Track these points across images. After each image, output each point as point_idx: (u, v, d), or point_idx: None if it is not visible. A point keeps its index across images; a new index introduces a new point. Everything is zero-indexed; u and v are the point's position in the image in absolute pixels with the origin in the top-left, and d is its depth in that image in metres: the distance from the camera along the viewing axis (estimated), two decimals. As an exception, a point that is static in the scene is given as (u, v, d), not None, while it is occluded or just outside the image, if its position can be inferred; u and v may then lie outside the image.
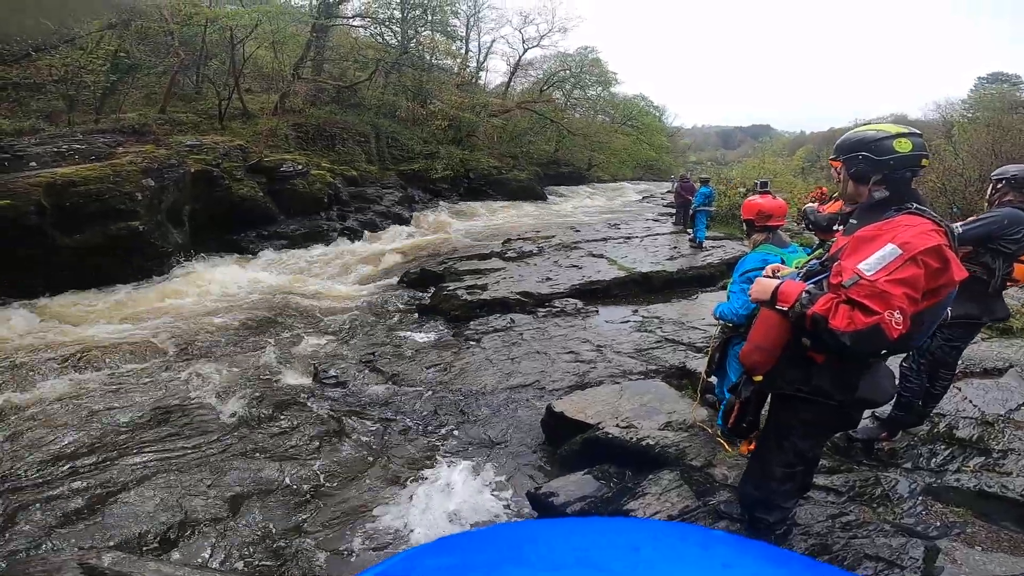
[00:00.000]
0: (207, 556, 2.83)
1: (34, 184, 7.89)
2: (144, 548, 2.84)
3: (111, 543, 2.82)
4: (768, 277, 1.95)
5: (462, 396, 4.61)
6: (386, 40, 19.47)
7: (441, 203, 17.94)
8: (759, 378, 1.92)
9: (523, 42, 29.23)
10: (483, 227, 15.17)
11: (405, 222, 14.68)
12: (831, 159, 1.91)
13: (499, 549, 0.79)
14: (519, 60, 29.77)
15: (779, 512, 2.06)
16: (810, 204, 7.94)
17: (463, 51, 25.34)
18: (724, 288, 4.87)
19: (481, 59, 29.19)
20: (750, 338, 1.91)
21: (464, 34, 26.29)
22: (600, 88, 32.19)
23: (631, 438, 3.10)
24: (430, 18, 19.16)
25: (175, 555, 2.82)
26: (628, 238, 11.59)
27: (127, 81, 12.79)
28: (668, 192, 25.00)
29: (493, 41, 30.50)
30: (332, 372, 5.24)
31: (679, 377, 4.27)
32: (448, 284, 8.13)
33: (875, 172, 1.73)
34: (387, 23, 19.00)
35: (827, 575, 0.91)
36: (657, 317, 6.29)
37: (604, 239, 11.48)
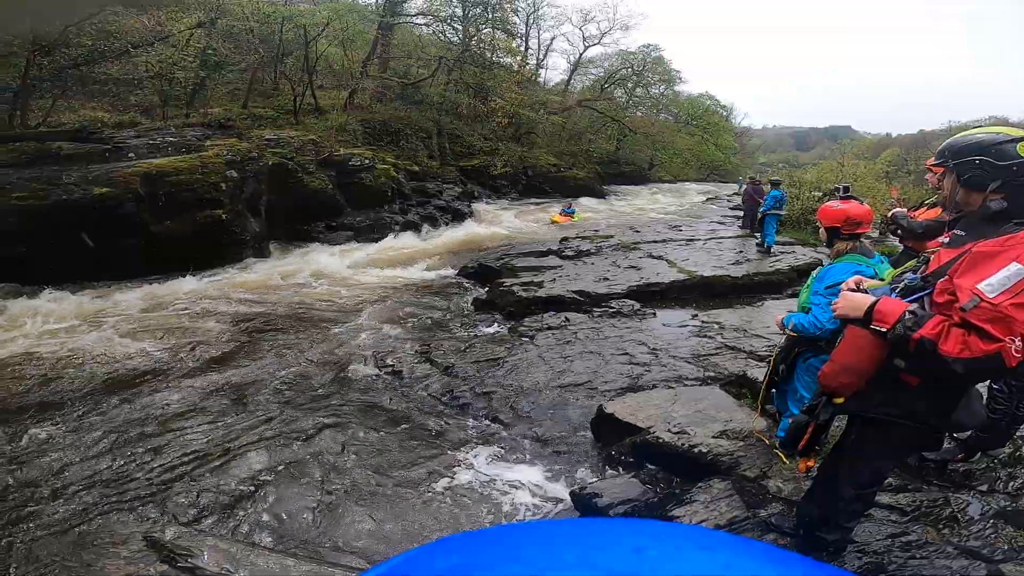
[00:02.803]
0: (262, 533, 3.00)
1: (132, 174, 8.68)
2: (203, 524, 3.03)
3: (173, 517, 3.04)
4: (852, 291, 1.79)
5: (513, 392, 4.66)
6: (448, 38, 19.90)
7: (500, 199, 18.12)
8: (841, 400, 1.79)
9: (583, 40, 29.00)
10: (541, 224, 15.19)
11: (464, 217, 14.95)
12: (932, 163, 1.74)
13: (500, 550, 0.79)
14: (579, 58, 29.58)
15: (840, 531, 1.97)
16: (899, 208, 7.35)
17: (523, 48, 25.48)
18: (794, 296, 4.65)
19: (541, 56, 29.24)
20: (835, 358, 1.76)
21: (524, 31, 26.42)
22: (663, 86, 31.38)
23: (683, 444, 3.03)
24: (490, 16, 19.40)
25: (231, 531, 3.00)
26: (690, 240, 11.24)
27: (214, 77, 13.83)
28: (735, 194, 24.01)
29: (553, 39, 30.48)
30: (389, 361, 5.44)
31: (738, 386, 4.12)
32: (504, 280, 8.22)
33: (993, 179, 1.56)
34: (449, 21, 19.42)
35: (828, 575, 0.88)
36: (718, 323, 6.08)
37: (664, 241, 11.19)
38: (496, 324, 6.80)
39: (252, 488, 3.33)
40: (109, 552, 2.51)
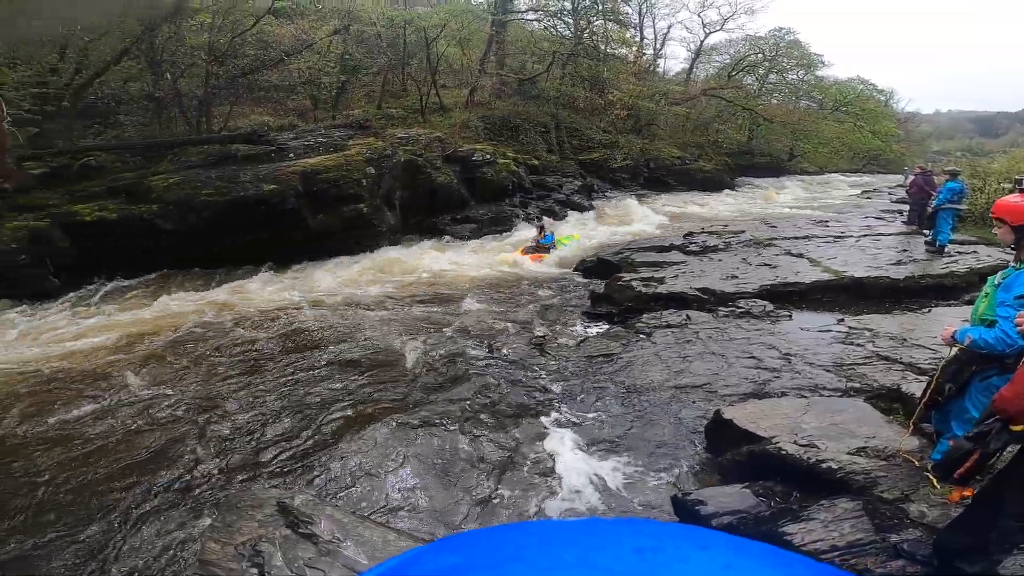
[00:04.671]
0: (381, 508, 3.30)
1: (293, 172, 10.00)
2: (327, 494, 3.39)
3: (302, 487, 3.45)
4: None
5: (624, 389, 4.60)
6: (559, 32, 19.94)
7: (620, 193, 17.76)
8: (1021, 428, 1.58)
9: (703, 27, 27.27)
10: (663, 218, 14.63)
11: (584, 210, 14.92)
12: None
13: (501, 550, 0.79)
14: (700, 45, 27.83)
15: (985, 563, 1.72)
16: None
17: (637, 39, 24.65)
18: (969, 304, 3.99)
19: (658, 46, 28.06)
20: (1018, 379, 1.56)
21: (637, 22, 25.55)
22: (802, 72, 28.34)
23: (809, 458, 2.76)
24: (600, 7, 19.03)
25: (347, 502, 3.32)
26: (839, 237, 10.05)
27: (353, 81, 15.37)
28: (898, 186, 20.90)
29: (670, 27, 29.12)
30: (504, 350, 5.67)
31: (889, 400, 3.64)
32: (623, 274, 8.08)
33: None
34: (559, 15, 19.45)
35: (828, 575, 0.83)
36: (869, 329, 5.39)
37: (807, 237, 10.14)
38: (612, 319, 6.73)
39: (366, 461, 3.70)
40: (247, 514, 2.84)
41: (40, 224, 8.03)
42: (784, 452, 2.85)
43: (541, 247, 10.37)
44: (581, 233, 12.22)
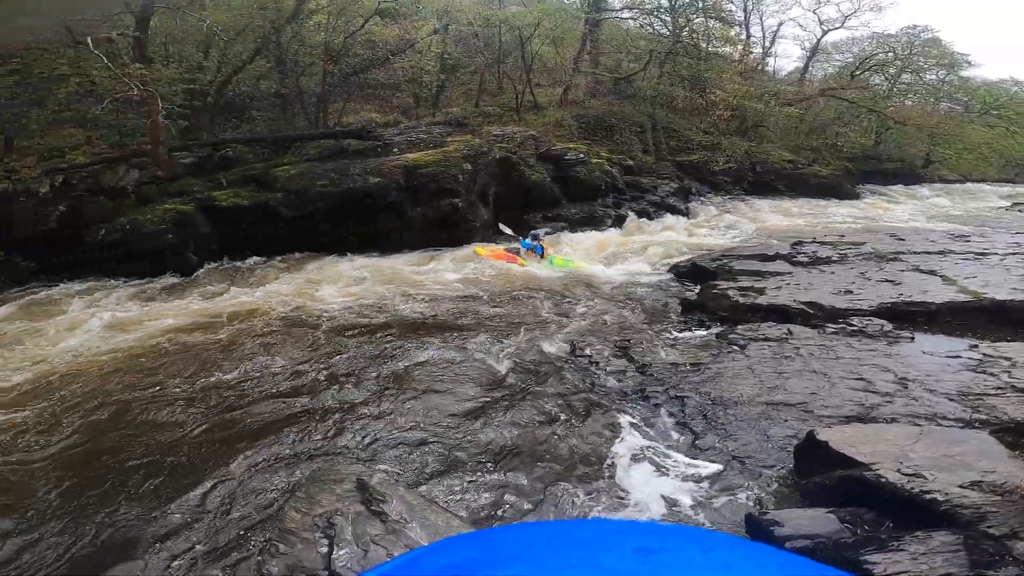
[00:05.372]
0: (447, 493, 3.49)
1: (396, 166, 10.77)
2: (402, 477, 3.61)
3: (381, 466, 3.69)
4: None
5: (710, 400, 4.50)
6: (656, 30, 19.37)
7: (721, 197, 16.99)
8: None
9: (820, 24, 25.16)
10: (768, 225, 13.81)
11: (680, 214, 14.47)
12: None
13: (505, 549, 0.80)
14: (817, 43, 25.73)
15: None
16: None
17: (743, 37, 23.34)
18: None
19: (767, 44, 26.34)
20: None
21: (743, 19, 24.16)
22: (943, 72, 25.26)
23: (912, 488, 2.57)
24: (700, 4, 18.22)
25: (422, 489, 3.50)
26: (982, 254, 8.93)
27: (452, 79, 16.13)
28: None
29: (780, 24, 27.08)
30: (587, 351, 5.73)
31: (1018, 434, 3.28)
32: (719, 282, 7.81)
33: None
34: (656, 13, 18.90)
35: (827, 575, 0.81)
36: (1007, 358, 4.81)
37: (941, 252, 9.12)
38: (704, 328, 6.55)
39: (441, 447, 3.96)
40: (328, 487, 3.05)
41: (186, 208, 9.37)
42: (883, 480, 2.69)
43: (523, 252, 9.68)
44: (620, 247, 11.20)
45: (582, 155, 13.64)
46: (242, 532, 3.18)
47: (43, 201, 8.95)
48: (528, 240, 9.84)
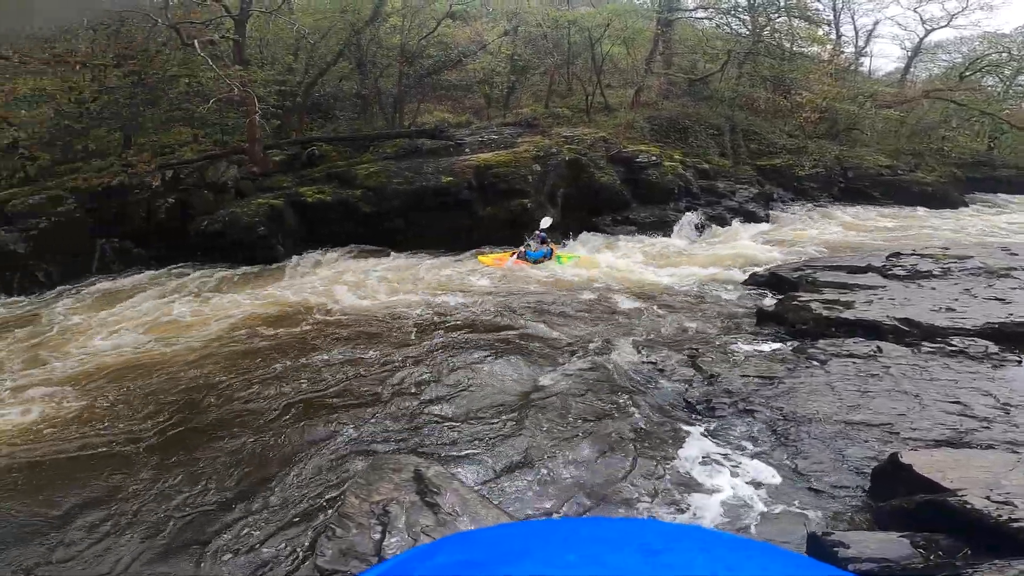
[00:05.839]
0: (501, 489, 3.60)
1: (468, 166, 11.13)
2: (458, 472, 3.73)
3: (439, 459, 3.85)
4: None
5: (782, 415, 4.36)
6: (734, 30, 18.60)
7: (806, 204, 16.10)
8: None
9: (923, 23, 23.18)
10: (860, 235, 12.95)
11: (759, 220, 13.88)
12: None
13: (507, 548, 0.80)
14: (919, 43, 23.77)
15: None
16: None
17: (832, 36, 21.96)
18: None
19: (861, 44, 24.64)
20: None
21: (831, 18, 22.70)
22: None
23: (1000, 515, 2.41)
24: (783, 3, 17.25)
25: (477, 484, 3.62)
26: (1118, 273, 7.98)
27: (522, 81, 16.37)
28: None
29: (876, 23, 25.32)
30: (653, 358, 5.69)
31: None
32: (801, 294, 7.48)
33: None
34: (733, 12, 18.15)
35: (829, 575, 0.80)
36: None
37: (1066, 269, 8.24)
38: (780, 341, 6.31)
39: (501, 443, 4.08)
40: (387, 476, 3.18)
41: (276, 203, 10.21)
42: (969, 506, 2.54)
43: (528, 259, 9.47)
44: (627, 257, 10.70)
45: (654, 158, 13.43)
46: (306, 512, 3.42)
47: (155, 194, 10.07)
48: (539, 249, 9.63)
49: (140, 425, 4.58)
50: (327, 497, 3.56)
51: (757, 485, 3.52)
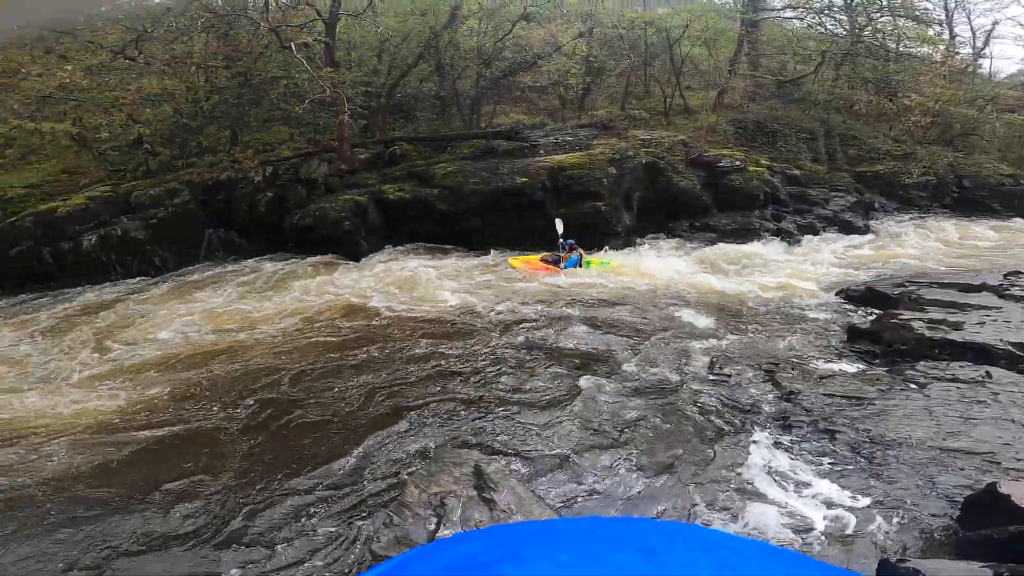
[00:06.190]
0: (560, 493, 3.63)
1: (542, 167, 11.27)
2: (518, 471, 3.80)
3: (500, 456, 3.94)
4: None
5: (867, 438, 4.12)
6: (829, 29, 17.37)
7: (913, 214, 14.88)
8: None
9: None
10: (974, 250, 11.80)
11: (856, 231, 12.98)
12: None
13: (508, 547, 0.80)
14: None
15: None
16: None
17: (944, 36, 19.98)
18: None
19: (979, 45, 22.30)
20: None
21: (943, 17, 20.64)
22: None
23: None
24: (885, 3, 15.86)
25: (535, 485, 3.65)
26: None
27: (597, 82, 16.28)
28: None
29: (995, 23, 22.86)
30: (726, 369, 5.53)
31: None
32: (901, 312, 7.00)
33: None
34: (827, 12, 16.94)
35: (829, 574, 0.81)
36: None
37: None
38: (874, 360, 5.95)
39: (563, 446, 4.14)
40: (448, 469, 3.27)
41: (361, 199, 10.87)
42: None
43: (552, 264, 9.51)
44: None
45: (738, 162, 12.93)
46: (369, 498, 3.61)
47: (256, 188, 11.02)
48: (570, 257, 9.63)
49: (223, 410, 4.95)
50: (390, 484, 3.73)
51: (829, 505, 3.39)
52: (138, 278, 9.73)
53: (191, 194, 10.78)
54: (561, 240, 9.72)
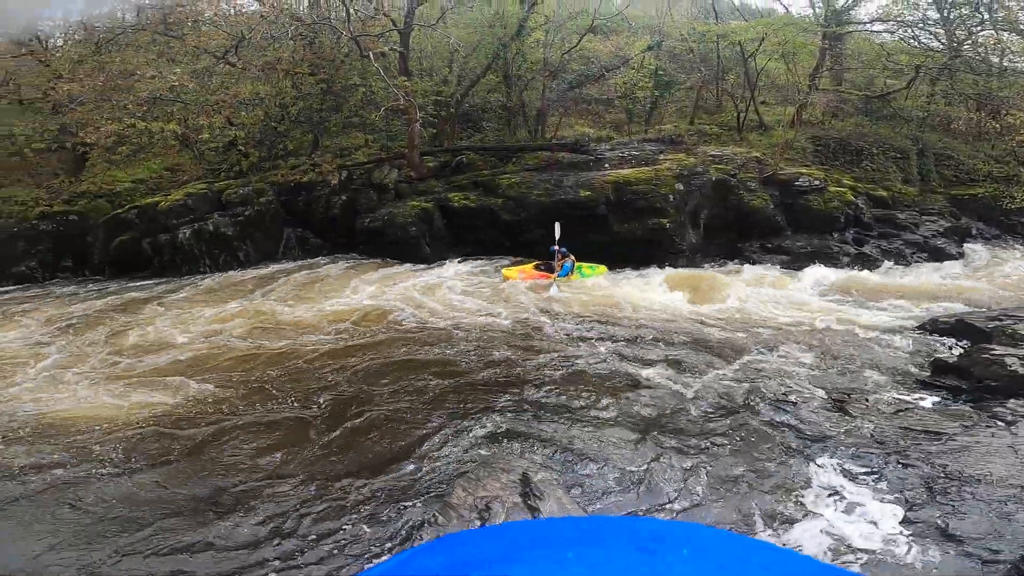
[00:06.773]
0: (597, 504, 3.67)
1: (606, 181, 11.36)
2: (564, 480, 3.86)
3: (549, 466, 4.00)
4: None
5: (943, 473, 3.97)
6: (923, 43, 16.32)
7: (1014, 242, 13.84)
8: None
9: None
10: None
11: (949, 258, 12.23)
12: None
13: (508, 546, 0.81)
14: None
15: None
16: None
17: None
18: None
19: None
20: None
21: None
22: None
23: None
24: (985, 16, 14.73)
25: (581, 496, 3.72)
26: None
27: (665, 96, 16.16)
28: None
29: None
30: (791, 397, 5.43)
31: None
32: (994, 346, 6.60)
33: None
34: (921, 25, 15.93)
35: (829, 574, 0.83)
36: None
37: None
38: (957, 396, 5.66)
39: (620, 460, 4.21)
40: (496, 474, 3.34)
41: (427, 206, 11.41)
42: None
43: (547, 270, 9.84)
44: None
45: (817, 182, 12.50)
46: (418, 497, 3.71)
47: (332, 191, 11.78)
48: (563, 265, 9.84)
49: (280, 406, 5.23)
50: (440, 485, 3.84)
51: (893, 535, 3.31)
52: (224, 271, 10.62)
53: (275, 194, 11.70)
54: (553, 248, 9.78)
